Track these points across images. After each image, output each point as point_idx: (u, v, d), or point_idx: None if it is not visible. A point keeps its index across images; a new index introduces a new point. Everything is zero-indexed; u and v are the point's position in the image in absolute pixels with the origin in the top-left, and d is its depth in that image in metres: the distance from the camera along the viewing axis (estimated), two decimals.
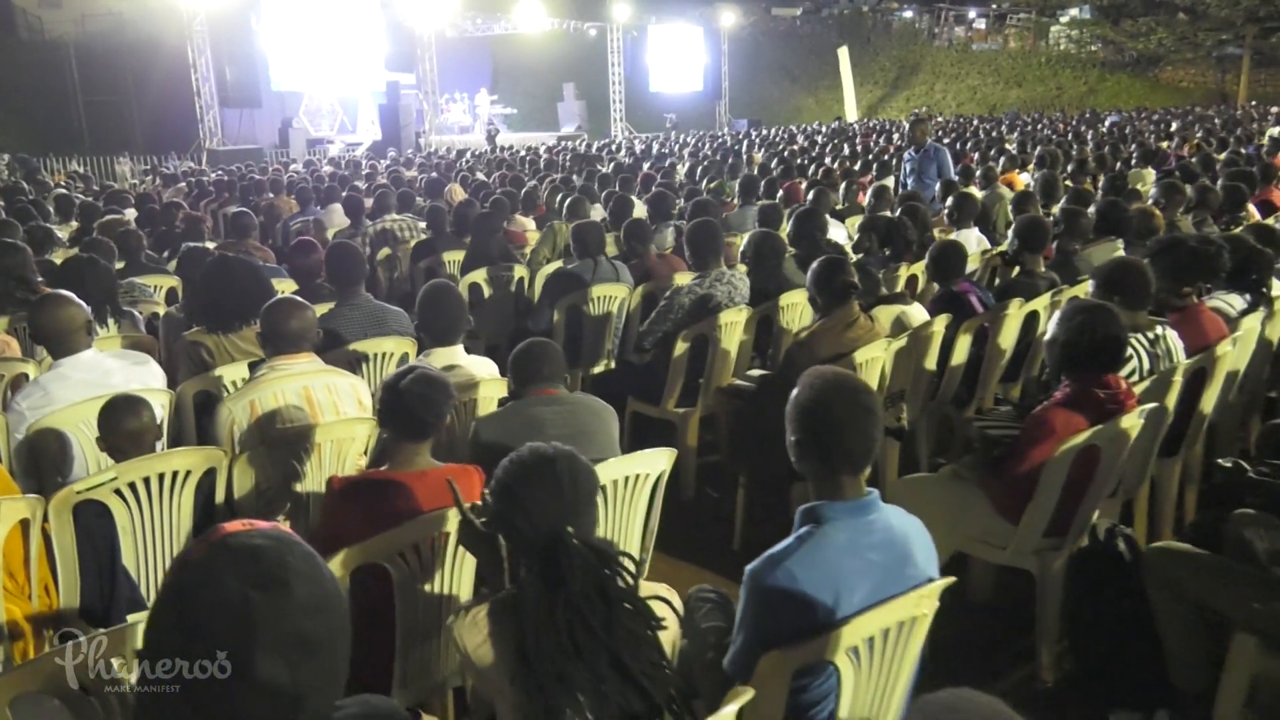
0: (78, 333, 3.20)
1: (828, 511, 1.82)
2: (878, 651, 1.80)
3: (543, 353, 2.82)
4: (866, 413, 1.84)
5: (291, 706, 1.11)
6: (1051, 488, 2.84)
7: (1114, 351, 2.82)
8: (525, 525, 1.58)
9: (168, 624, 1.10)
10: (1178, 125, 21.13)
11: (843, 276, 3.66)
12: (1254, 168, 8.28)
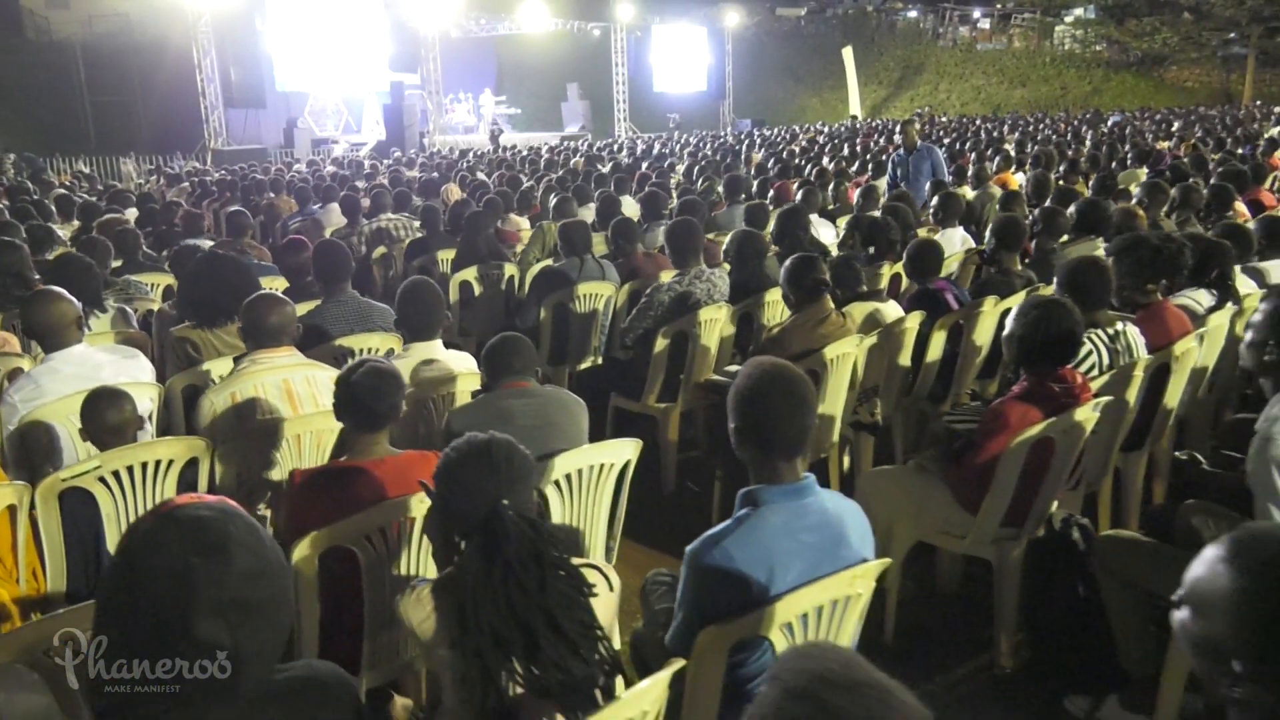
0: (69, 328, 3.30)
1: (765, 495, 1.91)
2: (812, 628, 1.89)
3: (514, 347, 2.91)
4: (800, 402, 1.93)
5: (235, 666, 1.21)
6: (1008, 478, 2.93)
7: (1068, 346, 2.91)
8: (465, 503, 1.68)
9: (116, 586, 1.20)
10: (1179, 125, 21.15)
11: (814, 274, 3.75)
12: (1245, 167, 8.33)
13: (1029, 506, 3.04)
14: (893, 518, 3.27)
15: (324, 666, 1.42)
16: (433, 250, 6.69)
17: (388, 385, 2.33)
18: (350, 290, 4.15)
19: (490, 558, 1.59)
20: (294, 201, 9.92)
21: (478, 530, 1.62)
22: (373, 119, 30.20)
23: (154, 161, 22.76)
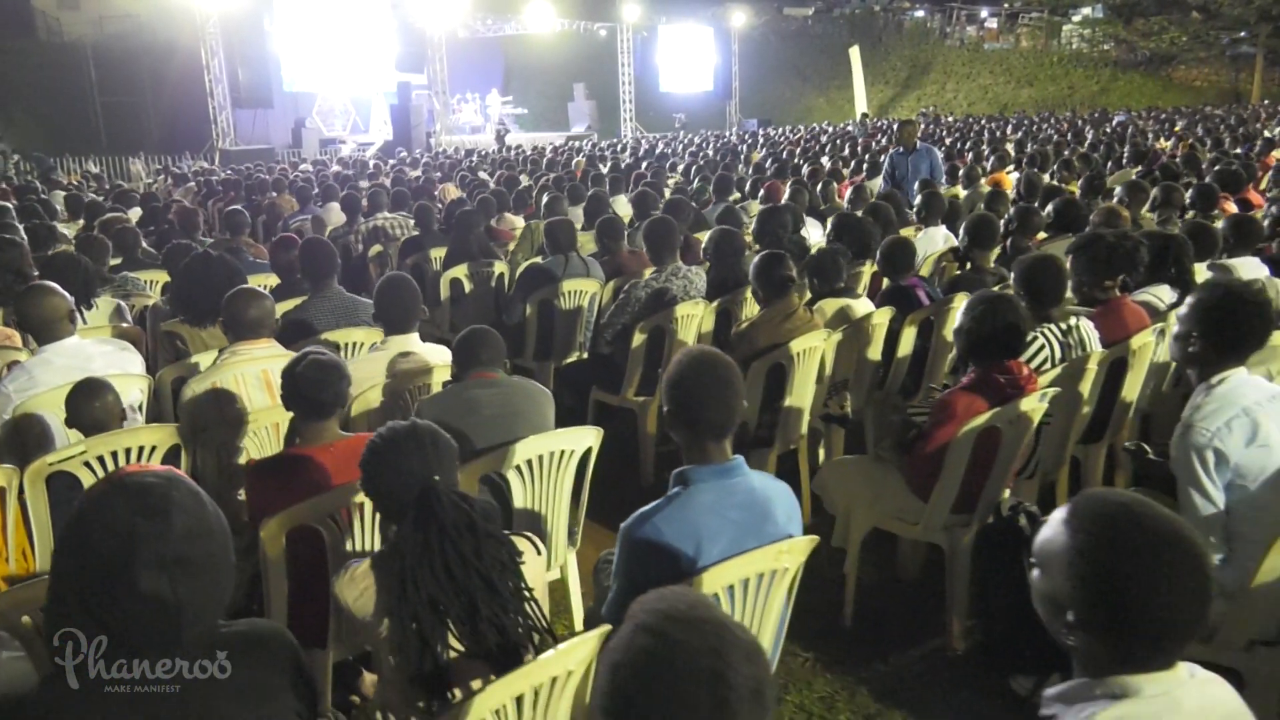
0: (61, 321, 3.44)
1: (694, 475, 2.03)
2: (739, 599, 2.01)
3: (482, 340, 3.03)
4: (726, 386, 2.05)
5: (174, 616, 1.34)
6: (956, 467, 3.04)
7: (1013, 338, 3.02)
8: (397, 482, 1.80)
9: (69, 544, 1.33)
10: (1183, 125, 21.17)
11: (781, 271, 3.87)
12: (1237, 167, 8.40)
13: (979, 494, 3.15)
14: (851, 505, 3.40)
15: (266, 624, 1.55)
16: (426, 248, 6.83)
17: (330, 376, 2.46)
18: (336, 286, 4.29)
19: (427, 528, 1.71)
20: (295, 201, 10.08)
21: (413, 506, 1.75)
22: (380, 119, 30.41)
23: (162, 161, 22.98)
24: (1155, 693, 1.26)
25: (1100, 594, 1.28)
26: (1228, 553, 2.44)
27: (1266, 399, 2.43)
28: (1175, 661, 1.30)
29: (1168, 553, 1.25)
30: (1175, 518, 1.30)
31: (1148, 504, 1.31)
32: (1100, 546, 1.28)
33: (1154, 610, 1.25)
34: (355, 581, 1.86)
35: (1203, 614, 1.27)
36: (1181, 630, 1.27)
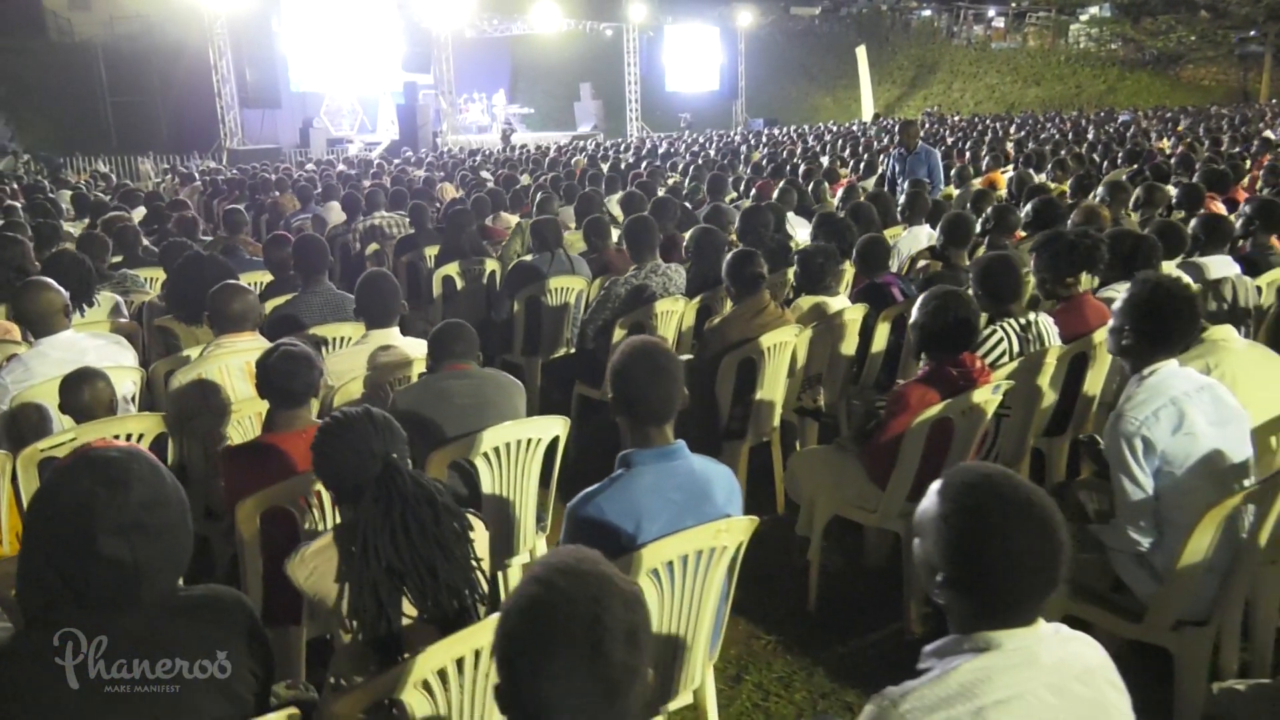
0: (56, 315, 3.59)
1: (636, 458, 2.16)
2: (679, 574, 2.14)
3: (455, 333, 3.17)
4: (664, 373, 2.18)
5: (134, 578, 1.47)
6: (911, 455, 3.16)
7: (965, 333, 3.14)
8: (356, 462, 1.92)
9: (38, 512, 1.47)
10: (1186, 124, 21.19)
11: (752, 268, 3.99)
12: (1224, 167, 8.49)
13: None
14: (814, 494, 3.52)
15: (224, 589, 1.69)
16: (420, 246, 6.97)
17: (299, 367, 2.60)
18: (326, 282, 4.43)
19: (389, 500, 1.83)
20: (297, 200, 10.24)
21: (374, 481, 1.87)
22: (388, 119, 30.62)
23: (171, 161, 23.20)
24: (1015, 647, 1.38)
25: (962, 555, 1.41)
26: (1157, 536, 2.55)
27: (1195, 389, 2.55)
28: (1035, 619, 1.42)
29: (1021, 519, 1.37)
30: (1033, 489, 1.42)
31: (1009, 476, 1.44)
32: (962, 513, 1.41)
33: (1007, 570, 1.37)
34: (305, 562, 1.99)
35: (1053, 575, 1.39)
36: (1033, 589, 1.39)
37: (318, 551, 2.02)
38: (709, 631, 2.30)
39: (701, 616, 2.24)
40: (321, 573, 2.00)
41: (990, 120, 28.14)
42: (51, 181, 16.10)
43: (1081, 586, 2.74)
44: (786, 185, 7.65)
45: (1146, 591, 2.57)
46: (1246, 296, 4.79)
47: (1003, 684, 1.34)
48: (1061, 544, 1.38)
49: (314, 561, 2.00)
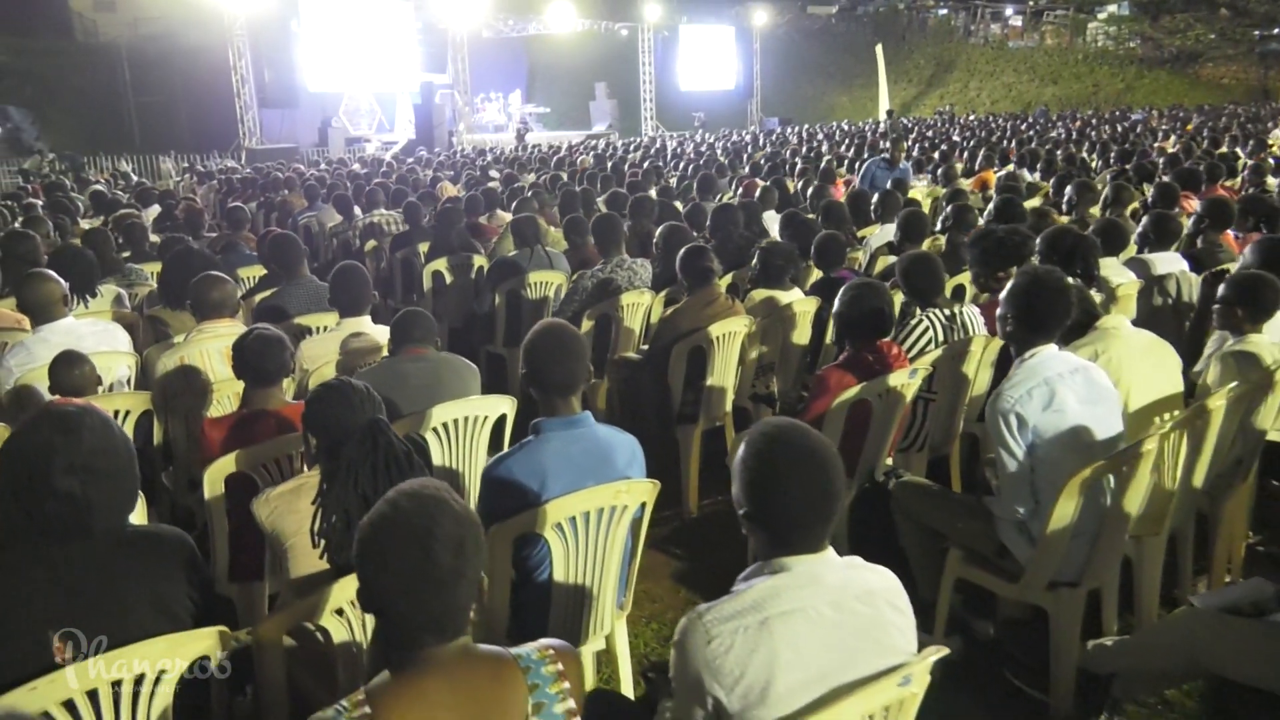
0: (56, 304, 3.91)
1: (545, 425, 2.44)
2: (582, 529, 2.41)
3: (413, 320, 3.45)
4: (569, 351, 2.45)
5: (85, 511, 1.77)
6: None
7: (879, 321, 3.39)
8: (348, 417, 2.19)
9: (5, 455, 1.77)
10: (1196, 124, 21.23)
11: (702, 262, 4.27)
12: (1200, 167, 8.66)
13: (857, 461, 3.53)
14: None
15: (168, 528, 1.98)
16: (414, 243, 7.28)
17: (272, 348, 2.89)
18: (308, 274, 4.74)
19: (374, 443, 2.07)
20: (304, 198, 10.60)
21: (361, 428, 2.11)
22: (405, 118, 31.01)
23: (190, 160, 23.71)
24: (802, 570, 1.65)
25: (755, 493, 1.67)
26: (1034, 505, 2.80)
27: (1068, 371, 2.80)
28: (821, 547, 1.68)
29: (801, 463, 1.64)
30: (818, 440, 1.69)
31: (799, 428, 1.70)
32: (756, 457, 1.68)
33: (789, 505, 1.64)
34: (268, 501, 2.29)
35: (826, 511, 1.65)
36: (812, 520, 1.65)
37: (281, 494, 2.31)
38: (615, 583, 2.58)
39: (607, 569, 2.52)
40: (280, 512, 2.28)
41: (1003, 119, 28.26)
42: (74, 180, 16.59)
43: (972, 552, 3.00)
44: (770, 185, 7.89)
45: (1025, 555, 2.82)
46: (1190, 292, 5.00)
47: (788, 599, 1.61)
48: (834, 485, 1.65)
49: (276, 502, 2.29)
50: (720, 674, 1.57)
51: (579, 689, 1.49)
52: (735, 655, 1.56)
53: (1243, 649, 2.35)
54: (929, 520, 3.15)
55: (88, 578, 1.79)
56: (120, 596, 1.81)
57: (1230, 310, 3.34)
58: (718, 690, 1.57)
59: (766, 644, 1.56)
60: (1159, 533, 3.10)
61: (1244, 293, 3.31)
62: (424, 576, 1.37)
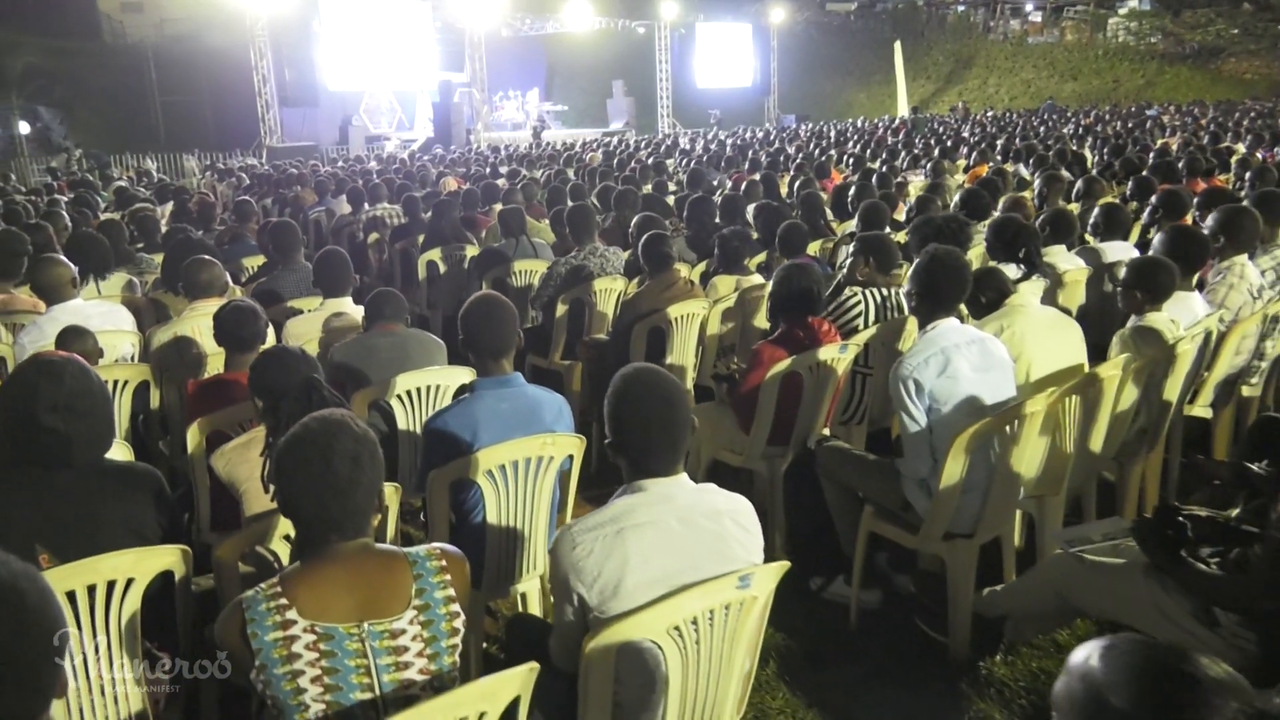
0: (65, 286, 4.27)
1: (479, 384, 2.77)
2: (511, 476, 2.72)
3: (384, 299, 3.78)
4: (499, 319, 2.77)
5: (66, 444, 2.10)
6: (766, 405, 3.71)
7: (808, 300, 3.68)
8: (282, 377, 2.49)
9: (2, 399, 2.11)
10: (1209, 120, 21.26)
11: (662, 248, 4.57)
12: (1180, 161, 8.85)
13: (793, 430, 3.83)
14: (699, 441, 4.09)
15: (141, 464, 2.32)
16: (413, 235, 7.62)
17: (246, 318, 3.23)
18: (301, 260, 5.09)
19: (309, 398, 2.35)
20: (315, 194, 11.01)
21: (297, 386, 2.41)
22: (425, 116, 31.48)
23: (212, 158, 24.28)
24: (656, 490, 1.95)
25: (614, 424, 1.98)
26: (933, 464, 3.08)
27: (965, 342, 3.07)
28: (674, 472, 1.98)
29: (650, 399, 1.93)
30: (668, 380, 1.99)
31: (654, 370, 2.00)
32: (615, 394, 1.98)
33: (641, 434, 1.94)
34: (223, 455, 2.62)
35: (673, 439, 1.95)
36: (662, 448, 1.95)
37: (234, 447, 2.64)
38: (545, 526, 2.90)
39: (537, 513, 2.83)
40: (234, 463, 2.62)
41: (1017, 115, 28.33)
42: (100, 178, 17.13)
43: (882, 508, 3.29)
44: (754, 179, 8.18)
45: (924, 509, 3.10)
46: None
47: (642, 514, 1.91)
48: (678, 417, 1.95)
49: (230, 454, 2.62)
50: (582, 574, 1.88)
51: (461, 584, 1.80)
52: (594, 558, 1.87)
53: (1098, 588, 2.63)
54: (847, 480, 3.44)
55: (69, 501, 2.12)
56: (96, 518, 2.14)
57: (1130, 293, 3.59)
58: (580, 587, 1.88)
59: (620, 549, 1.87)
60: (1058, 493, 3.38)
61: (1142, 277, 3.57)
62: (325, 483, 1.68)
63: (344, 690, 1.63)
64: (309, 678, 1.62)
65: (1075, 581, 2.71)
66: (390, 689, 1.66)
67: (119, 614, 2.10)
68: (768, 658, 3.23)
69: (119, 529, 2.16)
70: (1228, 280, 4.17)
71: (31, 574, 1.28)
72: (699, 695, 1.98)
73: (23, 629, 1.24)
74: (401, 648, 1.68)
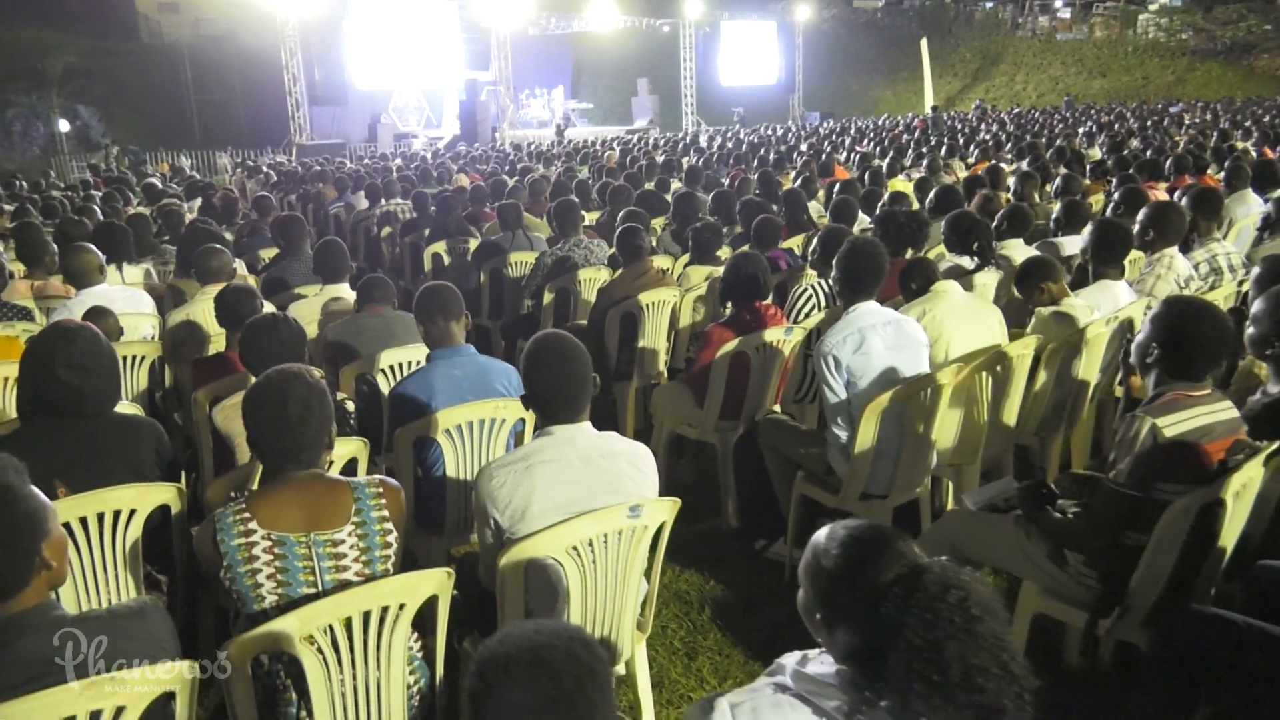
0: (93, 272, 4.72)
1: (435, 354, 3.17)
2: (467, 435, 3.11)
3: (374, 284, 4.19)
4: (449, 297, 3.17)
5: (80, 398, 2.52)
6: (717, 382, 4.07)
7: (754, 286, 4.04)
8: (268, 352, 2.90)
9: (25, 357, 2.53)
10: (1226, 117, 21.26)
11: (634, 240, 4.95)
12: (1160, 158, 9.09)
13: (743, 405, 4.19)
14: (662, 416, 4.46)
15: (144, 417, 2.73)
16: (421, 229, 8.06)
17: (243, 298, 3.64)
18: (307, 250, 5.52)
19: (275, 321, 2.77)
20: (335, 190, 11.52)
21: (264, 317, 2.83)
22: (452, 114, 32.06)
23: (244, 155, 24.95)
24: (562, 434, 2.32)
25: (527, 379, 2.36)
26: (851, 431, 3.43)
27: (881, 323, 3.42)
28: (579, 419, 2.36)
29: (554, 357, 2.31)
30: (571, 342, 2.36)
31: (561, 335, 2.38)
32: (528, 354, 2.36)
33: (548, 387, 2.32)
34: (222, 409, 3.04)
35: (575, 391, 2.32)
36: (566, 399, 2.32)
37: (231, 404, 3.05)
38: None
39: None
40: (230, 417, 3.02)
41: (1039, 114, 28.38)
42: (135, 174, 17.80)
43: (810, 473, 3.64)
44: (748, 176, 8.53)
45: (844, 472, 3.46)
46: None
47: (549, 452, 2.30)
48: (579, 373, 2.32)
49: (226, 410, 3.03)
50: (496, 502, 2.26)
51: (395, 508, 2.18)
52: (506, 489, 2.26)
53: (978, 537, 2.97)
54: (784, 449, 3.80)
55: (82, 445, 2.53)
56: (105, 459, 2.55)
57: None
58: (495, 513, 2.27)
59: (527, 481, 2.25)
60: (974, 461, 3.72)
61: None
62: (280, 421, 2.07)
63: (293, 586, 2.03)
64: (265, 574, 2.02)
65: (962, 533, 3.05)
66: (331, 586, 2.06)
67: (123, 539, 2.51)
68: (704, 605, 3.62)
69: (123, 469, 2.57)
70: (1156, 271, 4.48)
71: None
72: (598, 608, 2.36)
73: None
74: (341, 554, 2.08)
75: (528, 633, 1.25)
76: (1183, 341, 2.43)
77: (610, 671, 1.27)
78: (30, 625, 1.63)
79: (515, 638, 1.25)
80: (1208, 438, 2.41)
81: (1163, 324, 2.47)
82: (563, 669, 1.19)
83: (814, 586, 1.49)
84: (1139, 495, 2.41)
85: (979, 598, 1.34)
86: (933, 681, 1.29)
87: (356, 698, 1.99)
